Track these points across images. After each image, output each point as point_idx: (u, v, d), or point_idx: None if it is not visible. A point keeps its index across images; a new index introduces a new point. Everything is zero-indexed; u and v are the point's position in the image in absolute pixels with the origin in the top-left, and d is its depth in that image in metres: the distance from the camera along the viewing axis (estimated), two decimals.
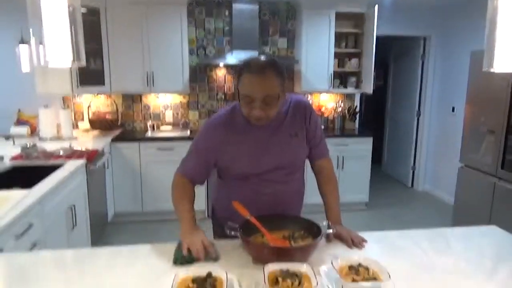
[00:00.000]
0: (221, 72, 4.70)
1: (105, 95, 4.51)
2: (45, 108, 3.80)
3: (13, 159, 2.90)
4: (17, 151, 3.04)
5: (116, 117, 4.53)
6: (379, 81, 6.25)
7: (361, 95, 5.19)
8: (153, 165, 4.10)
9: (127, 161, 4.07)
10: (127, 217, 4.17)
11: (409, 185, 5.58)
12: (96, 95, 4.48)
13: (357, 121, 4.95)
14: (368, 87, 4.52)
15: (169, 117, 4.72)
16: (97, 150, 3.38)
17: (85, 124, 4.53)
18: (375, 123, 6.48)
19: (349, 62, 4.68)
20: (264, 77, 1.37)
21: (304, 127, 1.59)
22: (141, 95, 4.62)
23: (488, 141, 3.37)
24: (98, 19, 4.02)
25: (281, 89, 1.42)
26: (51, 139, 3.76)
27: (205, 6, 4.51)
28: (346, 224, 1.58)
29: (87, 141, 3.84)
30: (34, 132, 4.01)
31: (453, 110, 4.74)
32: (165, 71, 4.23)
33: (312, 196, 1.91)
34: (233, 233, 1.37)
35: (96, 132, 4.34)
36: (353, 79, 4.73)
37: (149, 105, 4.68)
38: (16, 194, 2.08)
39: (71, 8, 1.31)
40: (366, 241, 1.49)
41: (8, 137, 3.56)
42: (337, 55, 4.55)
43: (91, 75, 4.05)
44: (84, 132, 4.37)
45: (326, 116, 4.90)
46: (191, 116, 4.77)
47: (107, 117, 4.48)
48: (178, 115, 4.75)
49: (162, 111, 4.71)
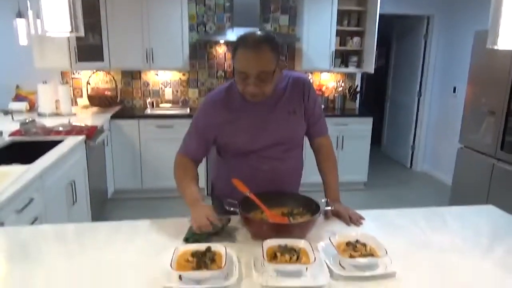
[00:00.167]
0: (221, 49, 4.64)
1: (104, 71, 4.46)
2: (43, 83, 3.76)
3: (12, 134, 2.90)
4: (16, 126, 3.03)
5: (115, 93, 4.50)
6: (381, 61, 6.19)
7: (362, 74, 5.14)
8: (153, 143, 4.10)
9: (127, 138, 4.06)
10: (127, 194, 4.20)
11: (408, 166, 5.60)
12: (95, 71, 4.43)
13: (357, 101, 4.93)
14: (369, 67, 4.47)
15: (168, 94, 4.69)
16: (97, 126, 3.37)
17: (84, 100, 4.51)
18: (376, 103, 6.45)
19: (351, 40, 4.62)
20: (259, 53, 1.35)
21: (302, 104, 1.57)
22: (140, 72, 4.58)
23: (488, 122, 3.36)
24: None
25: (277, 65, 1.40)
26: (50, 115, 3.75)
27: None
28: (344, 203, 1.59)
29: (86, 117, 3.83)
30: (32, 108, 4.00)
31: (454, 90, 4.71)
32: (164, 48, 4.17)
33: (311, 175, 1.91)
34: (232, 209, 1.38)
35: (95, 108, 4.32)
36: (355, 58, 4.68)
37: (148, 82, 4.64)
38: (16, 169, 2.08)
39: None
40: (364, 219, 1.50)
41: (6, 113, 3.54)
42: (339, 33, 4.48)
43: (89, 51, 4.00)
44: (83, 108, 4.34)
45: (326, 95, 4.87)
46: (190, 93, 4.73)
47: (106, 93, 4.45)
48: (177, 92, 4.71)
49: (161, 88, 4.67)
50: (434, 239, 1.37)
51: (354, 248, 1.19)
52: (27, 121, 2.97)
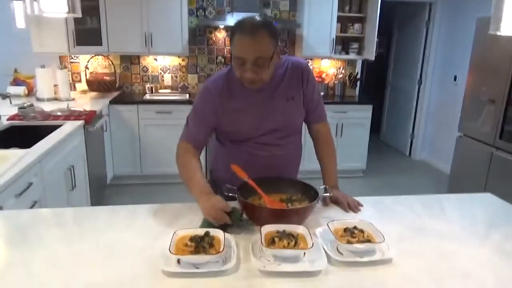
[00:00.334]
0: (221, 34, 4.59)
1: (102, 56, 4.42)
2: (41, 68, 3.73)
3: (10, 119, 2.88)
4: (14, 110, 3.01)
5: (114, 79, 4.47)
6: (382, 49, 6.14)
7: (363, 62, 5.11)
8: (152, 128, 4.09)
9: (126, 123, 4.05)
10: (126, 180, 4.21)
11: (407, 154, 5.61)
12: (93, 55, 4.39)
13: (357, 89, 4.90)
14: (370, 54, 4.44)
15: (167, 80, 4.66)
16: (95, 111, 3.35)
17: (82, 85, 4.47)
18: (376, 91, 6.43)
19: (352, 27, 4.57)
20: (256, 38, 1.33)
21: (301, 90, 1.56)
22: (139, 57, 4.54)
23: (488, 110, 3.35)
24: None
25: (275, 50, 1.38)
26: (48, 100, 3.72)
27: None
28: (343, 190, 1.59)
29: (85, 102, 3.81)
30: (31, 92, 3.97)
31: (455, 79, 4.69)
32: (163, 32, 4.12)
33: (309, 162, 1.92)
34: (230, 195, 1.38)
35: (93, 93, 4.29)
36: (355, 45, 4.64)
37: (147, 67, 4.60)
38: (14, 153, 2.08)
39: None
40: (362, 205, 1.51)
41: (4, 97, 3.52)
42: (340, 19, 4.44)
43: (88, 35, 3.96)
44: (81, 93, 4.31)
45: (326, 82, 4.84)
46: (190, 79, 4.70)
47: (104, 78, 4.42)
48: (177, 78, 4.68)
49: (160, 73, 4.64)
50: (431, 226, 1.37)
51: (351, 234, 1.19)
52: (25, 106, 2.95)
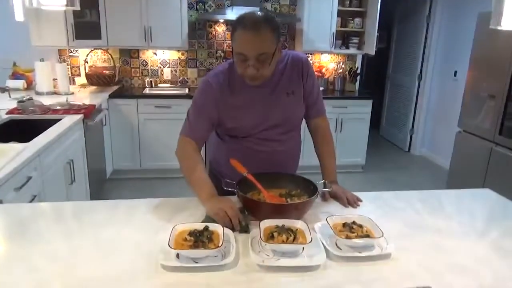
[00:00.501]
0: (221, 28, 4.57)
1: (102, 50, 4.41)
2: (41, 61, 3.72)
3: (9, 112, 2.88)
4: (13, 104, 3.00)
5: (113, 72, 4.45)
6: (382, 44, 6.12)
7: (363, 57, 5.09)
8: (151, 123, 4.08)
9: (125, 117, 4.04)
10: (126, 174, 4.21)
11: (406, 149, 5.61)
12: (92, 49, 4.38)
13: (357, 83, 4.89)
14: (370, 48, 4.43)
15: (167, 74, 4.65)
16: (95, 105, 3.35)
17: (81, 79, 4.46)
18: (376, 86, 6.41)
19: (352, 21, 4.55)
20: (258, 34, 1.32)
21: (301, 84, 1.56)
22: (138, 51, 4.52)
23: (488, 106, 3.35)
24: None
25: (277, 46, 1.37)
26: (48, 94, 3.72)
27: None
28: (342, 185, 1.58)
29: (84, 96, 3.80)
30: (30, 86, 3.95)
31: (455, 74, 4.68)
32: (163, 26, 4.10)
33: (309, 157, 1.92)
34: (229, 189, 1.38)
35: (93, 87, 4.28)
36: (355, 40, 4.62)
37: (146, 61, 4.59)
38: (13, 147, 2.07)
39: None
40: (361, 201, 1.51)
41: (3, 90, 3.51)
42: (340, 13, 4.42)
43: (87, 28, 3.94)
44: (81, 87, 4.30)
45: (326, 77, 4.83)
46: (189, 73, 4.69)
47: (104, 72, 4.41)
48: (176, 72, 4.67)
49: (160, 67, 4.62)
50: (430, 222, 1.38)
51: (350, 229, 1.20)
52: (24, 99, 2.95)
